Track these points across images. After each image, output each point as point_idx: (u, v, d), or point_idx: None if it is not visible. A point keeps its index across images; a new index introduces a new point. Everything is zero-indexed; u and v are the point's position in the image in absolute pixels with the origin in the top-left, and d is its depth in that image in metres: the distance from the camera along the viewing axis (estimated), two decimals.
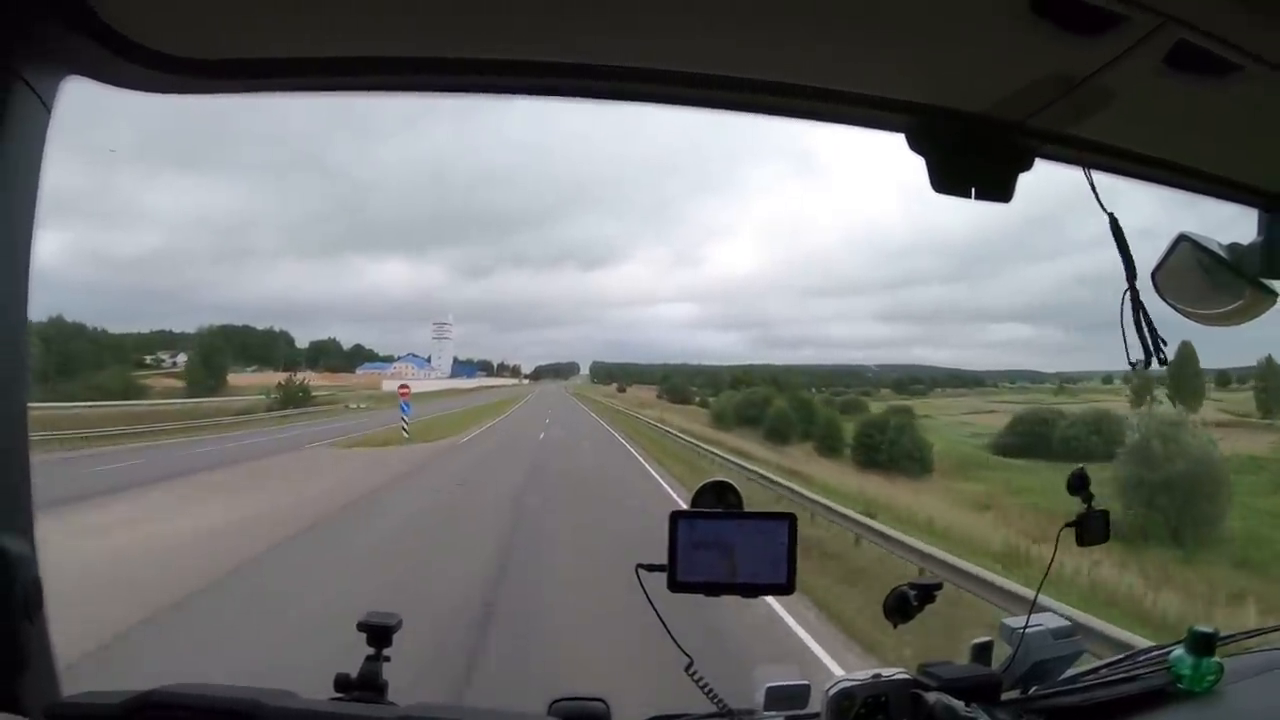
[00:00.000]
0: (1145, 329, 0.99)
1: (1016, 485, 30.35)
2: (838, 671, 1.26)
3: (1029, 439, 42.00)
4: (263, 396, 46.40)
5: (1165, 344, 1.01)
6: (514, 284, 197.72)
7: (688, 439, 24.56)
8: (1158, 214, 1.24)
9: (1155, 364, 1.01)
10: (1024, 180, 1.05)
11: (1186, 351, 43.37)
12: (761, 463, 18.53)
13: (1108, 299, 1.15)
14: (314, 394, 50.00)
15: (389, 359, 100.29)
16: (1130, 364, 0.98)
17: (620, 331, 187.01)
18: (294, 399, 45.80)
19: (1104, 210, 0.99)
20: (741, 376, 78.65)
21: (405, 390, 29.57)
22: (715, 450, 20.02)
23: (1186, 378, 45.63)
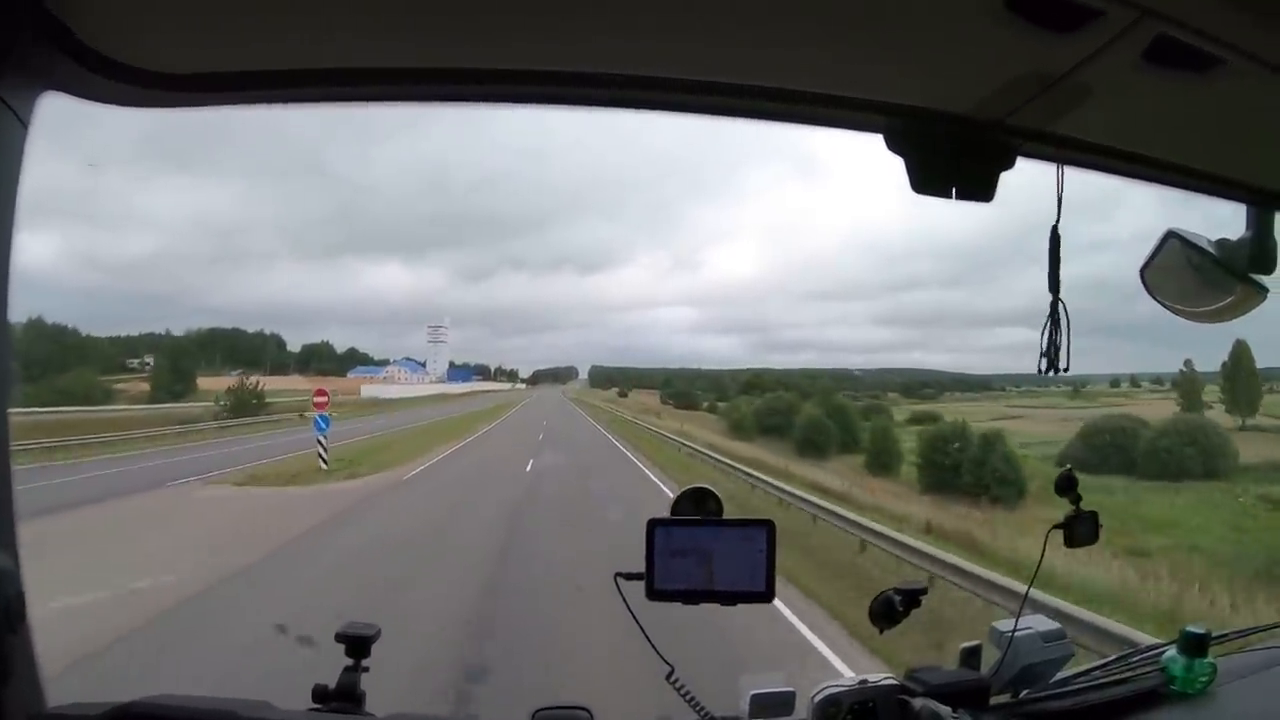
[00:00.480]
0: (1059, 341, 1.00)
1: (1149, 517, 21.83)
2: None
3: (1107, 451, 34.04)
4: (211, 404, 40.71)
5: (1066, 370, 1.03)
6: (513, 288, 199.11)
7: (724, 460, 17.84)
8: (1160, 214, 1.22)
9: (1054, 371, 1.03)
10: (1022, 181, 1.04)
11: (1240, 350, 40.50)
12: (874, 516, 10.70)
13: (1105, 303, 1.16)
14: (270, 400, 44.60)
15: (383, 362, 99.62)
16: (1039, 371, 0.99)
17: (619, 336, 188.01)
18: (245, 406, 40.07)
19: (1057, 215, 0.98)
20: (754, 380, 75.08)
21: (322, 400, 19.98)
22: (799, 493, 12.14)
23: (1241, 380, 41.91)
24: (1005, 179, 1.03)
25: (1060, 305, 0.98)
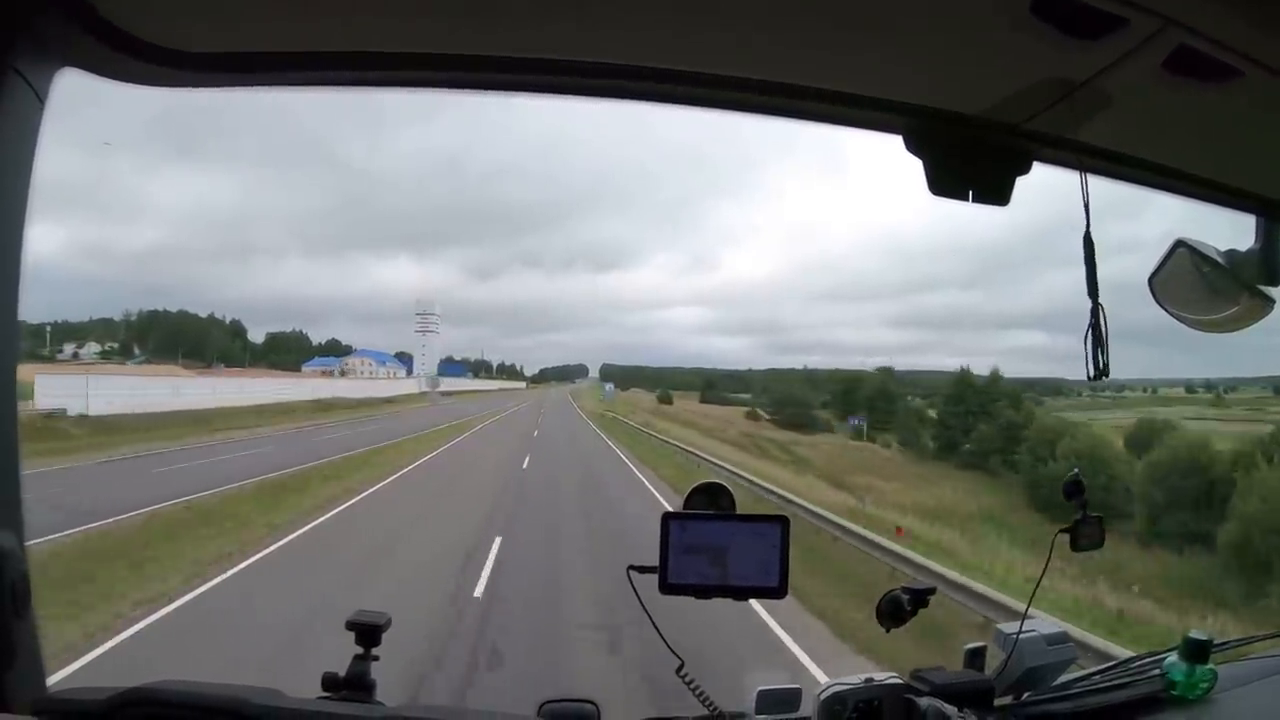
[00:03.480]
0: (1100, 347, 0.99)
1: None
2: None
3: None
4: None
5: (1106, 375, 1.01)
6: (525, 286, 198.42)
7: None
8: (1190, 214, 1.22)
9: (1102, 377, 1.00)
10: (1042, 182, 1.04)
11: None
12: None
13: (1129, 308, 1.15)
14: None
15: (345, 350, 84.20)
16: (1088, 378, 0.99)
17: (629, 335, 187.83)
18: None
19: (1086, 221, 0.99)
20: (987, 387, 38.93)
21: None
22: None
23: None
24: (1027, 181, 1.04)
25: (1101, 311, 0.98)
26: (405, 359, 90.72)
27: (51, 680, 0.92)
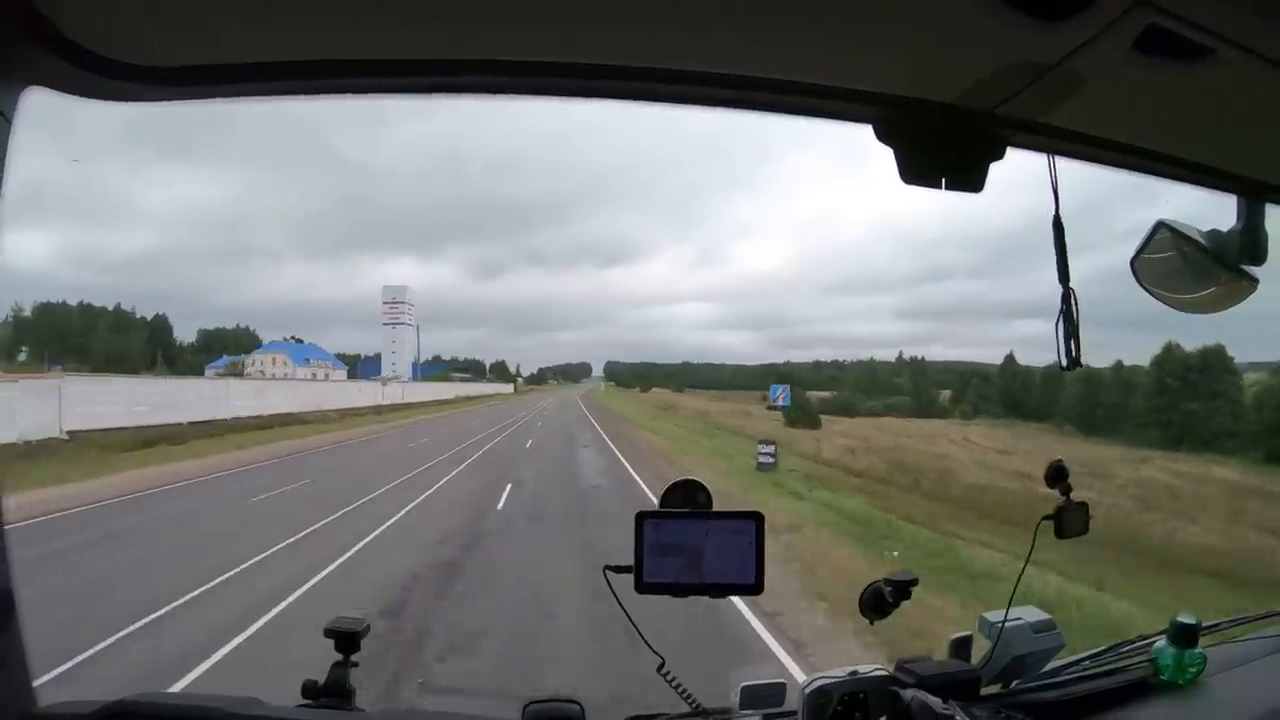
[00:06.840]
0: (1071, 333, 0.98)
1: None
2: None
3: None
4: None
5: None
6: (528, 284, 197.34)
7: None
8: (1200, 196, 1.20)
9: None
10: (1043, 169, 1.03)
11: None
12: None
13: (1138, 295, 1.10)
14: None
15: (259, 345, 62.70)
16: (1060, 367, 0.97)
17: (633, 332, 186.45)
18: None
19: (1055, 205, 0.97)
20: None
21: None
22: None
23: None
24: (1031, 166, 1.03)
25: (1072, 296, 0.97)
26: (310, 349, 69.91)
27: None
